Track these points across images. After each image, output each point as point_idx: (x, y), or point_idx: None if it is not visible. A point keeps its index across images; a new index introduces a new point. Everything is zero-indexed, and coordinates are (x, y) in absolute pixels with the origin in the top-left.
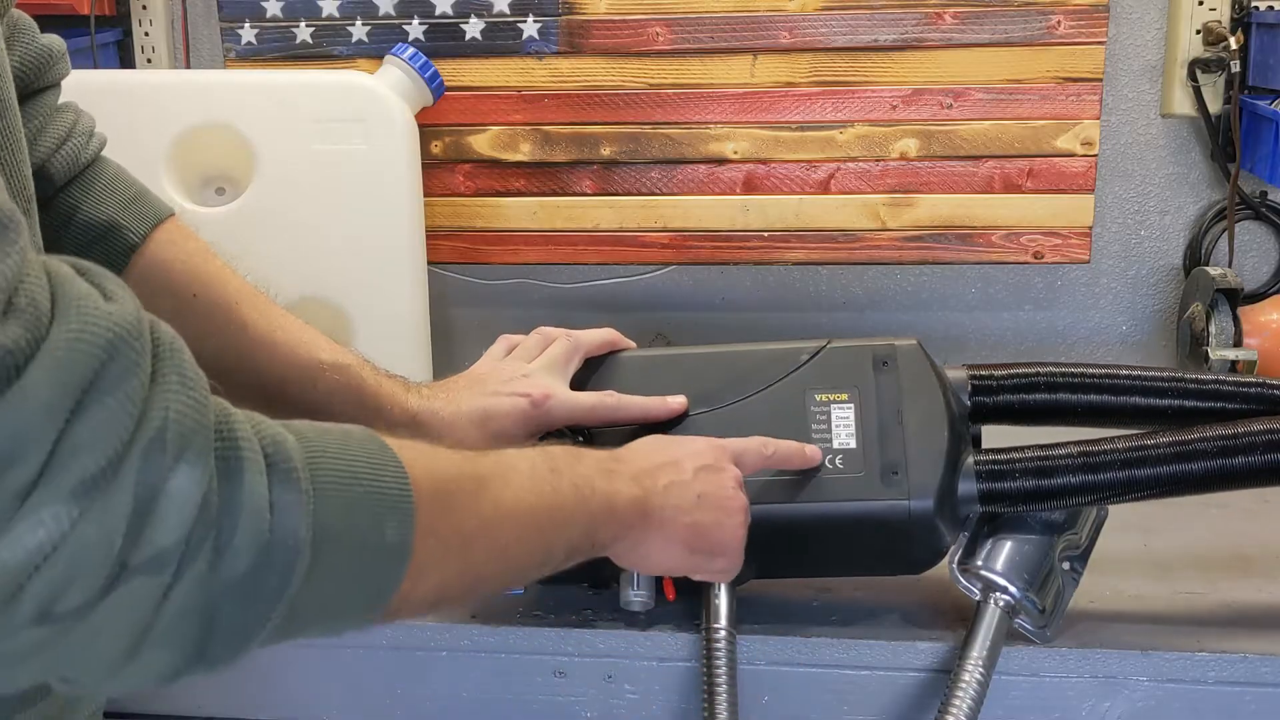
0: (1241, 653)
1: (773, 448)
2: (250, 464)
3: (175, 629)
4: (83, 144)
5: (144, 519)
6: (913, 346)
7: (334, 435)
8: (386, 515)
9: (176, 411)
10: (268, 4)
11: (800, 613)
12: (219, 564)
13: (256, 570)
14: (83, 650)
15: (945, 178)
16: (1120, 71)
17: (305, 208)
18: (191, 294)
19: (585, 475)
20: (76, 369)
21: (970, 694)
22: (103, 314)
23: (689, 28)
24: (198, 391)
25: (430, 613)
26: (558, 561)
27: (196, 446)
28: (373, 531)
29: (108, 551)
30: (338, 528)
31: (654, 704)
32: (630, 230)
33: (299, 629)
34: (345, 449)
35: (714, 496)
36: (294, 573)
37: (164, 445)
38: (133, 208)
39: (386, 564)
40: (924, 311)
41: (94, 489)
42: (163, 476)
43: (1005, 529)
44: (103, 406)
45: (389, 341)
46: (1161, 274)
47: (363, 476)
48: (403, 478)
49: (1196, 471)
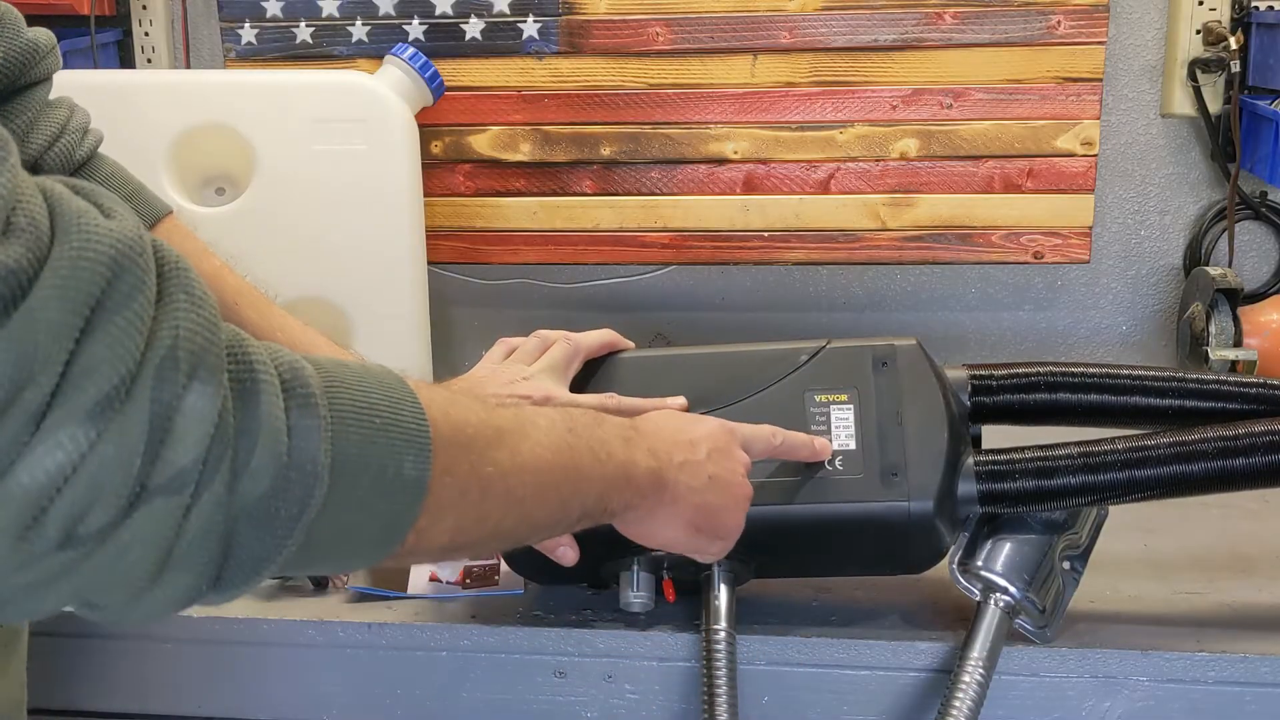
0: (1241, 653)
1: (781, 437)
2: (266, 386)
3: (196, 550)
4: (76, 140)
5: (161, 438)
6: (912, 347)
7: (353, 368)
8: (404, 449)
9: (187, 329)
10: (268, 4)
11: (800, 613)
12: (237, 485)
13: (274, 493)
14: (107, 573)
15: (945, 178)
16: (1120, 71)
17: (305, 208)
18: None
19: (603, 440)
20: (83, 287)
21: (970, 694)
22: (104, 230)
23: (689, 28)
24: (207, 310)
25: (444, 559)
26: (571, 522)
27: (209, 365)
28: (391, 463)
29: (127, 471)
30: (356, 456)
31: (654, 704)
32: (630, 230)
33: (315, 559)
34: (364, 382)
35: (723, 480)
36: (312, 497)
37: (176, 363)
38: (130, 205)
39: (404, 497)
40: (924, 311)
41: (109, 409)
42: (177, 395)
43: (1005, 529)
44: (112, 324)
45: (389, 341)
46: (1161, 274)
47: (381, 409)
48: (420, 414)
49: (1197, 472)
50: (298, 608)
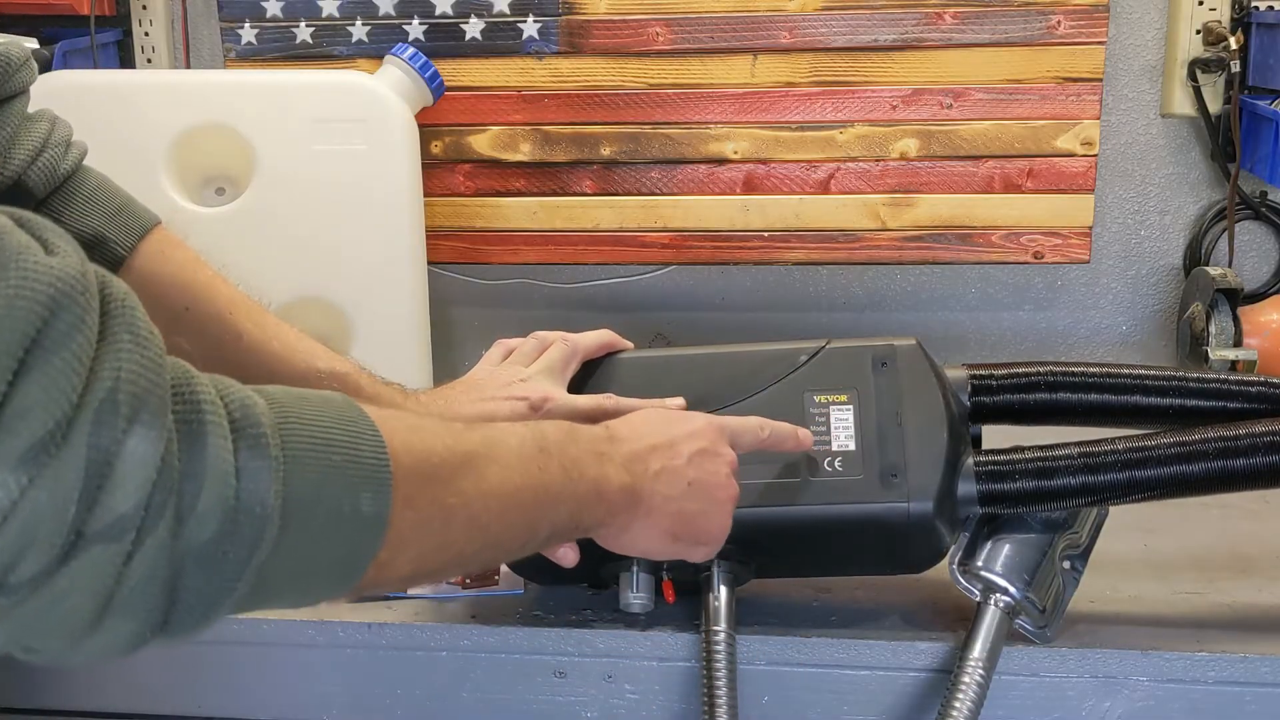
0: (1241, 653)
1: (769, 430)
2: (213, 427)
3: (138, 597)
4: (60, 154)
5: (99, 483)
6: (912, 347)
7: (311, 401)
8: (362, 485)
9: (129, 371)
10: (268, 4)
11: (800, 613)
12: (182, 530)
13: (222, 537)
14: (43, 620)
15: (945, 178)
16: (1120, 71)
17: (305, 208)
18: (184, 306)
19: (575, 457)
20: (18, 326)
21: (971, 695)
22: (44, 268)
23: (689, 28)
24: (152, 350)
25: (408, 586)
26: (540, 542)
27: (152, 407)
28: (348, 501)
29: (62, 519)
30: (310, 496)
31: (654, 704)
32: (630, 230)
33: (269, 597)
34: (321, 416)
35: (705, 484)
36: (262, 540)
37: (116, 406)
38: (118, 219)
39: (362, 535)
40: (924, 311)
41: (43, 454)
42: (117, 439)
43: (1005, 529)
44: (49, 365)
45: (389, 341)
46: (1161, 274)
47: (338, 444)
48: (380, 447)
49: (1197, 473)
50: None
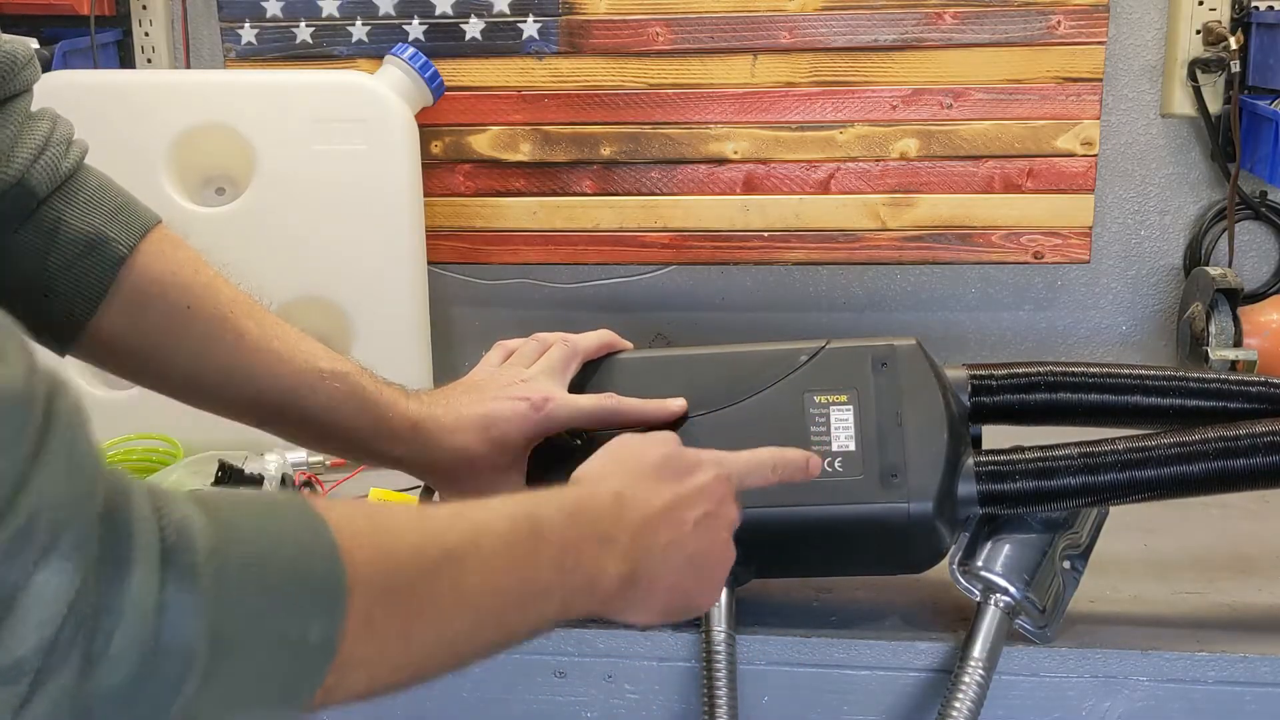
0: (1241, 653)
1: (779, 471)
2: (140, 559)
3: None
4: (61, 153)
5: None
6: (912, 347)
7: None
8: (310, 610)
9: (52, 498)
10: (268, 4)
11: (800, 613)
12: (91, 673)
13: (138, 680)
14: None
15: (945, 178)
16: (1120, 71)
17: (305, 208)
18: (185, 306)
19: (573, 543)
20: None
21: (971, 694)
22: None
23: (689, 28)
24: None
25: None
26: (518, 642)
27: (71, 538)
28: (293, 629)
29: None
30: (246, 629)
31: (654, 704)
32: (630, 230)
33: None
34: (265, 532)
35: (704, 556)
36: (185, 683)
37: (30, 536)
38: (119, 218)
39: (306, 663)
40: (924, 311)
41: None
42: (26, 572)
43: (1005, 529)
44: None
45: (389, 341)
46: (1161, 274)
47: (284, 565)
48: (333, 564)
49: (1198, 473)
50: None
